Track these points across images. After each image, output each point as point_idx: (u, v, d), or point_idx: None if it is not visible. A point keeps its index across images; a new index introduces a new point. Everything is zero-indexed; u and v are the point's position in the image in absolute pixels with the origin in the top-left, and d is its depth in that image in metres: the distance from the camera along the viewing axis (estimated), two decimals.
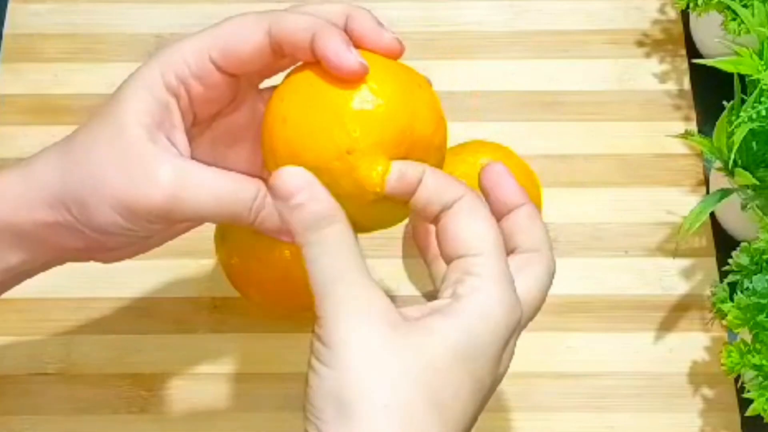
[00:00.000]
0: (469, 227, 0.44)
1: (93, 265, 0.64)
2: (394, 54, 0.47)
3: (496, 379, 0.44)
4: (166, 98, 0.47)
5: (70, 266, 0.54)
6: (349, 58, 0.44)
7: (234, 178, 0.47)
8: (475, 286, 0.43)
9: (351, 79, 0.45)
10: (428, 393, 0.41)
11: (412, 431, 0.40)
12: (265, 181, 0.46)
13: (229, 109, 0.50)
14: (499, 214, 0.47)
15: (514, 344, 0.45)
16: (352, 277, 0.42)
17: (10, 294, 0.66)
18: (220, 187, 0.46)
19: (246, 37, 0.47)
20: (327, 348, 0.41)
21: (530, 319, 0.46)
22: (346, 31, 0.47)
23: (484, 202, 0.46)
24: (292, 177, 0.43)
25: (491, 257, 0.43)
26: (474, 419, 0.43)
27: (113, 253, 0.50)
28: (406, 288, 0.67)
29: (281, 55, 0.47)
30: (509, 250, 0.46)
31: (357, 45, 0.46)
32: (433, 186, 0.45)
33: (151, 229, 0.48)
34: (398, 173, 0.44)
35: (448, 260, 0.45)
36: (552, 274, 0.46)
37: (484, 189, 0.48)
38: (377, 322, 0.41)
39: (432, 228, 0.46)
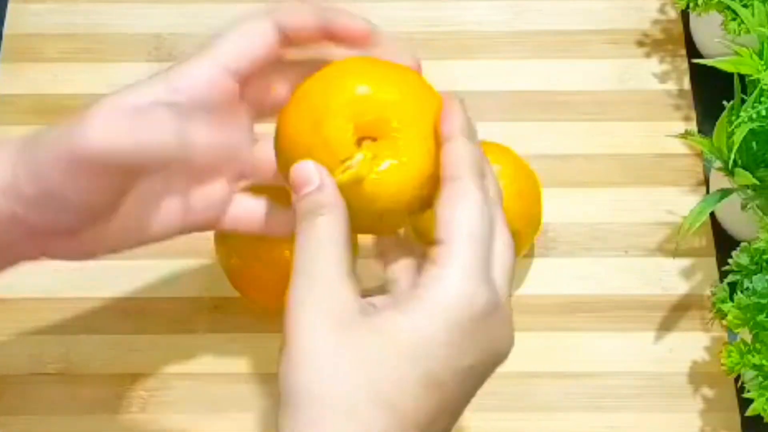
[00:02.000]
0: (446, 212, 0.44)
1: (93, 265, 0.64)
2: (365, 38, 0.50)
3: (466, 371, 0.44)
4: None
5: (70, 266, 0.55)
6: (358, 21, 0.48)
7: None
8: (434, 275, 0.43)
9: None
10: (370, 387, 0.41)
11: (356, 423, 0.41)
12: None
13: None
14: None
15: (495, 329, 0.44)
16: (320, 268, 0.43)
17: (10, 294, 0.66)
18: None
19: (259, 39, 0.48)
20: (284, 337, 0.43)
21: (477, 254, 0.43)
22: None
23: (494, 187, 0.46)
24: (306, 168, 0.45)
25: (459, 245, 0.43)
26: (434, 414, 0.43)
27: (68, 240, 0.49)
28: None
29: (288, 44, 0.49)
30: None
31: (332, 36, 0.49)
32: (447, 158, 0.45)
33: (89, 188, 0.46)
34: None
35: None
36: (478, 202, 0.44)
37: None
38: (326, 318, 0.42)
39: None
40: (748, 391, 0.57)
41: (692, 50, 0.75)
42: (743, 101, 0.61)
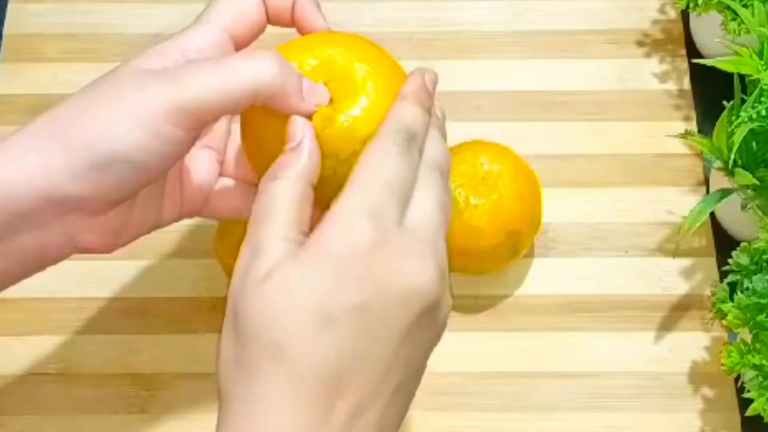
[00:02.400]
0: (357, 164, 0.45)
1: (93, 265, 0.64)
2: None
3: (359, 309, 0.42)
4: None
5: (70, 266, 0.55)
6: (320, 20, 0.51)
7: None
8: (324, 218, 0.44)
9: None
10: (259, 337, 0.42)
11: (246, 376, 0.42)
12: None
13: None
14: None
15: (388, 262, 0.43)
16: (263, 234, 0.44)
17: (10, 294, 0.66)
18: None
19: (253, 6, 0.51)
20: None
21: (363, 193, 0.44)
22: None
23: (433, 152, 0.47)
24: (294, 122, 0.46)
25: (348, 189, 0.44)
26: (331, 358, 0.42)
27: (97, 223, 0.48)
28: None
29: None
30: None
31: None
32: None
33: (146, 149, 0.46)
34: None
35: None
36: (384, 152, 0.46)
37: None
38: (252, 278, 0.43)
39: None
40: (748, 391, 0.57)
41: (692, 50, 0.75)
42: (743, 101, 0.61)
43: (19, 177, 0.45)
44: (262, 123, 0.48)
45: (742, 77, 0.62)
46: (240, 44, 0.51)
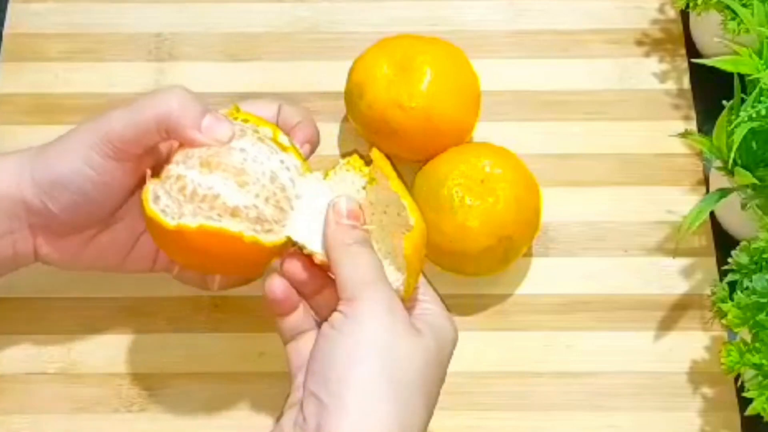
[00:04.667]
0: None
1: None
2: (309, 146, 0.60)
3: (432, 399, 0.53)
4: None
5: None
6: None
7: None
8: (435, 310, 0.54)
9: None
10: (421, 384, 0.51)
11: (407, 413, 0.49)
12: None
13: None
14: None
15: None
16: (383, 278, 0.53)
17: (10, 294, 0.66)
18: None
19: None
20: (351, 321, 0.50)
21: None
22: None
23: None
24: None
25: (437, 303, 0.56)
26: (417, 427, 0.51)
27: (60, 239, 0.58)
28: None
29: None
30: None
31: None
32: None
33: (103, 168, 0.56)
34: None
35: None
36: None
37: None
38: (398, 315, 0.51)
39: None
40: (748, 390, 0.57)
41: (692, 50, 0.75)
42: (743, 101, 0.61)
43: (3, 184, 0.57)
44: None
45: (741, 77, 0.62)
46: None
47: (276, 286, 0.54)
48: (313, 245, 0.54)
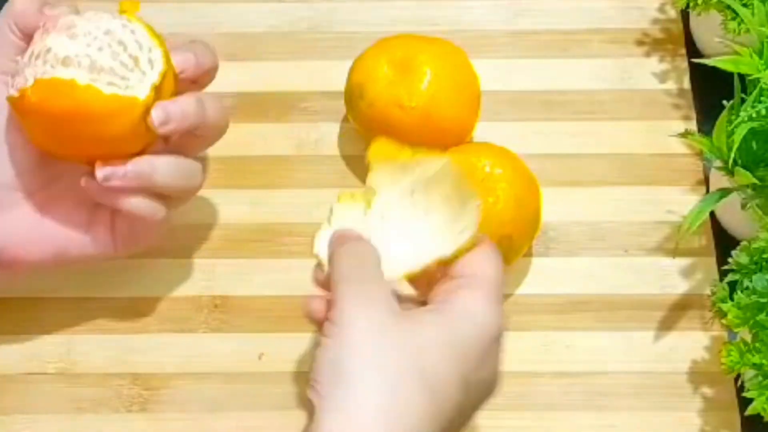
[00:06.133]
0: (475, 257, 0.52)
1: (93, 265, 0.64)
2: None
3: (481, 382, 0.50)
4: None
5: (70, 266, 0.55)
6: None
7: None
8: (465, 294, 0.50)
9: None
10: (416, 370, 0.47)
11: (398, 399, 0.46)
12: None
13: None
14: None
15: (497, 354, 0.51)
16: (364, 273, 0.50)
17: (10, 294, 0.66)
18: None
19: None
20: (335, 325, 0.48)
21: (495, 289, 0.51)
22: None
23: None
24: None
25: (486, 278, 0.51)
26: (461, 412, 0.49)
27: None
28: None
29: None
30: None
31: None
32: None
33: None
34: None
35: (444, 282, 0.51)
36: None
37: None
38: (379, 307, 0.48)
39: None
40: (748, 390, 0.57)
41: (692, 50, 0.75)
42: (743, 100, 0.61)
43: None
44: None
45: (742, 77, 0.62)
46: None
47: (316, 304, 0.53)
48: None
